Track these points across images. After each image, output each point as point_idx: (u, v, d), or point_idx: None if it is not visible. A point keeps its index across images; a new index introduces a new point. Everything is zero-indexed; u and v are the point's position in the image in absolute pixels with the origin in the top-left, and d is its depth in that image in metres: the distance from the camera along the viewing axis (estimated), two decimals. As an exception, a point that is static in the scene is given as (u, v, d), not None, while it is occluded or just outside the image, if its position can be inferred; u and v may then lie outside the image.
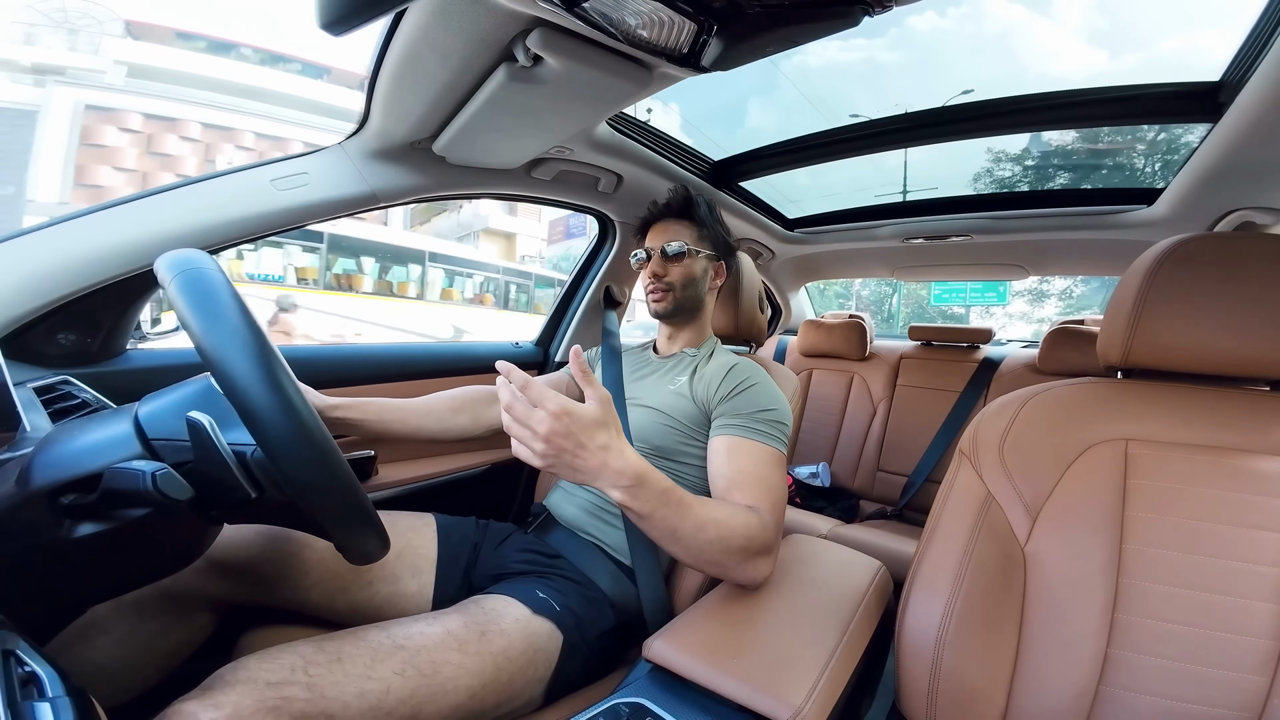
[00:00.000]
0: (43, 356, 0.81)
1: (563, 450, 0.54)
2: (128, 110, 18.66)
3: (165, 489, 0.45)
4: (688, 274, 1.00)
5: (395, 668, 0.60)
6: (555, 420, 0.53)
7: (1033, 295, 14.06)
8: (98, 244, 0.80)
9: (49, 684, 0.35)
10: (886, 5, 0.59)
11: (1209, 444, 0.61)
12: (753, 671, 0.58)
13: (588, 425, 0.55)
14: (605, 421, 0.56)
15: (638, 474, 0.58)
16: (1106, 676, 0.58)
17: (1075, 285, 13.30)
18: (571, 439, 0.54)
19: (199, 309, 0.47)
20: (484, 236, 19.59)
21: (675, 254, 0.99)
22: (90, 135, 17.57)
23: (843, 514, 1.86)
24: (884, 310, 15.39)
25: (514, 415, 0.54)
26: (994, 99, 1.11)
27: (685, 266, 1.00)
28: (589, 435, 0.55)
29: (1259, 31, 0.77)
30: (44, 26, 22.49)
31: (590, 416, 0.55)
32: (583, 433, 0.54)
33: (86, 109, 17.90)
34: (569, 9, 0.60)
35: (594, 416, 0.55)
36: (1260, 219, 1.09)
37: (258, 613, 0.81)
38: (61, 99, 17.55)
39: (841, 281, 11.89)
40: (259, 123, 20.71)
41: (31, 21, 22.59)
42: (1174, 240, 0.65)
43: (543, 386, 0.54)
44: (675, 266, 1.00)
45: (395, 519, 0.90)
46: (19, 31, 22.52)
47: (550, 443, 0.53)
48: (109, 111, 18.42)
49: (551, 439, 0.53)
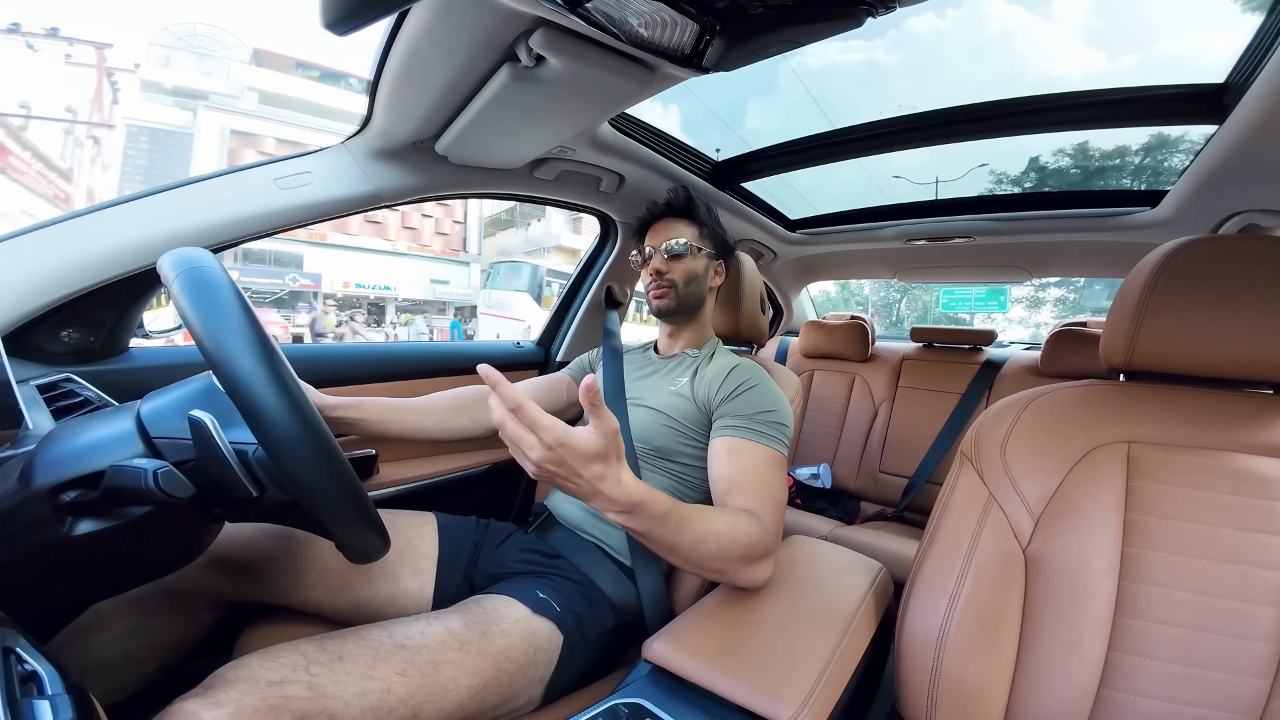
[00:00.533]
0: (46, 354, 0.82)
1: (555, 476, 0.51)
2: (264, 135, 19.33)
3: (167, 487, 0.45)
4: (690, 272, 1.01)
5: (396, 667, 0.60)
6: (549, 450, 0.49)
7: (1029, 302, 14.40)
8: (101, 243, 0.80)
9: (48, 682, 0.35)
10: (890, 5, 0.59)
11: (1212, 446, 0.61)
12: (752, 673, 0.58)
13: (584, 458, 0.50)
14: (604, 454, 0.52)
15: (633, 502, 0.55)
16: (1107, 679, 0.58)
17: (1069, 293, 13.55)
18: (565, 468, 0.50)
19: (202, 308, 0.47)
20: (555, 253, 19.76)
21: (678, 252, 0.99)
22: (235, 159, 18.10)
23: (843, 515, 1.85)
24: (891, 315, 15.52)
25: (507, 434, 0.51)
26: (998, 100, 1.10)
27: (687, 264, 1.00)
28: (584, 466, 0.51)
29: (1264, 33, 0.77)
30: (178, 49, 23.74)
31: (588, 449, 0.50)
32: (579, 464, 0.50)
33: (230, 133, 18.67)
34: (572, 9, 0.60)
35: (592, 450, 0.51)
36: (1265, 222, 1.09)
37: (258, 610, 0.81)
38: (209, 123, 18.43)
39: (859, 291, 11.92)
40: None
41: (166, 44, 23.74)
42: (1178, 243, 0.65)
43: (537, 410, 0.49)
44: (678, 264, 1.00)
45: (396, 518, 0.90)
46: (157, 54, 23.71)
47: (541, 468, 0.50)
48: (249, 136, 19.10)
49: (543, 465, 0.50)
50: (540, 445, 0.49)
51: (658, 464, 0.92)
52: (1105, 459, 0.63)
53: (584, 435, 0.50)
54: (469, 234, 22.22)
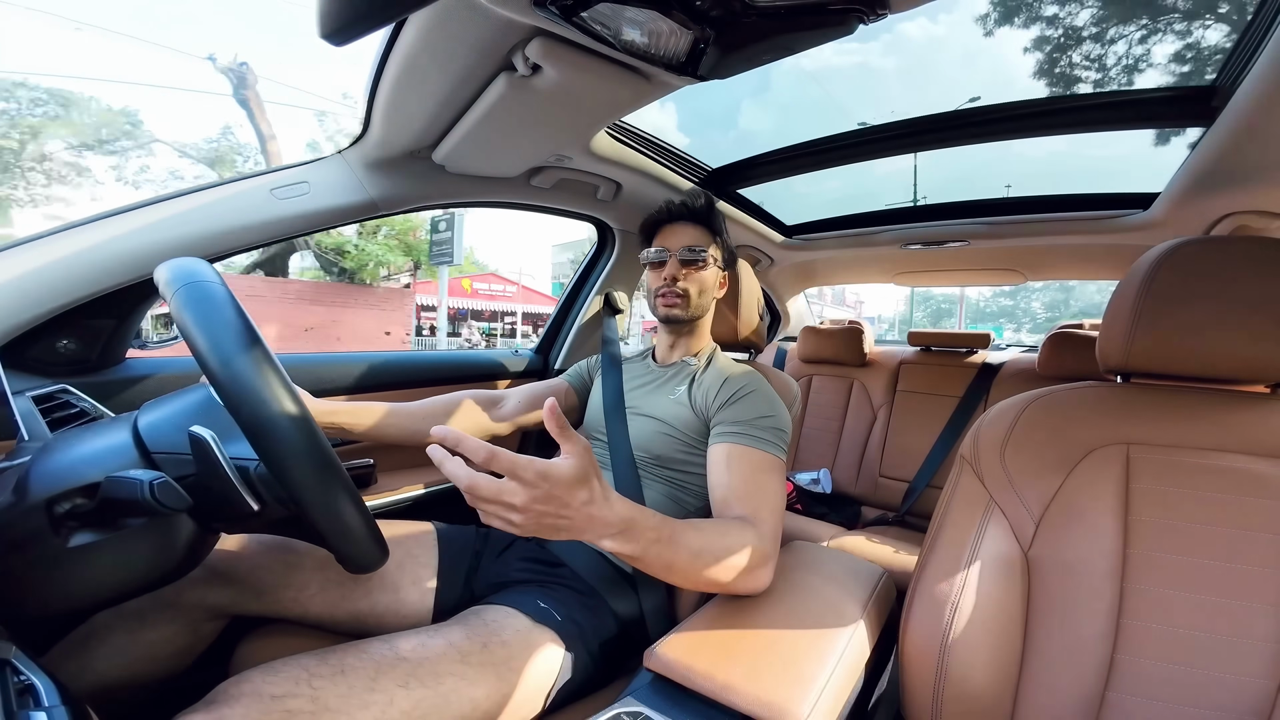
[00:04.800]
0: (42, 365, 0.81)
1: (544, 515, 0.48)
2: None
3: (163, 499, 0.45)
4: (704, 282, 0.99)
5: (398, 679, 0.59)
6: (532, 489, 0.46)
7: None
8: (98, 253, 0.80)
9: (45, 694, 0.35)
10: (881, 13, 0.60)
11: (1210, 446, 0.61)
12: (755, 680, 0.57)
13: (569, 484, 0.48)
14: (586, 476, 0.50)
15: (625, 520, 0.54)
16: (1113, 682, 0.58)
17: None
18: (554, 502, 0.48)
19: (202, 324, 0.47)
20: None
21: (695, 260, 0.97)
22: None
23: (844, 520, 1.85)
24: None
25: (480, 495, 0.46)
26: (991, 105, 1.12)
27: (702, 274, 0.98)
28: (571, 494, 0.49)
29: (1250, 34, 0.78)
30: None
31: (570, 475, 0.48)
32: (565, 493, 0.48)
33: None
34: (567, 19, 0.61)
35: (574, 474, 0.49)
36: (1256, 223, 1.10)
37: (257, 621, 0.81)
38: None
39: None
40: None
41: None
42: (1170, 244, 0.65)
43: (511, 455, 0.46)
44: (693, 273, 0.98)
45: (395, 528, 0.89)
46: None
47: (529, 512, 0.47)
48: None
49: (529, 508, 0.47)
50: (522, 488, 0.46)
51: (657, 473, 0.92)
52: (1105, 460, 0.63)
53: (562, 463, 0.48)
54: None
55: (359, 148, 0.99)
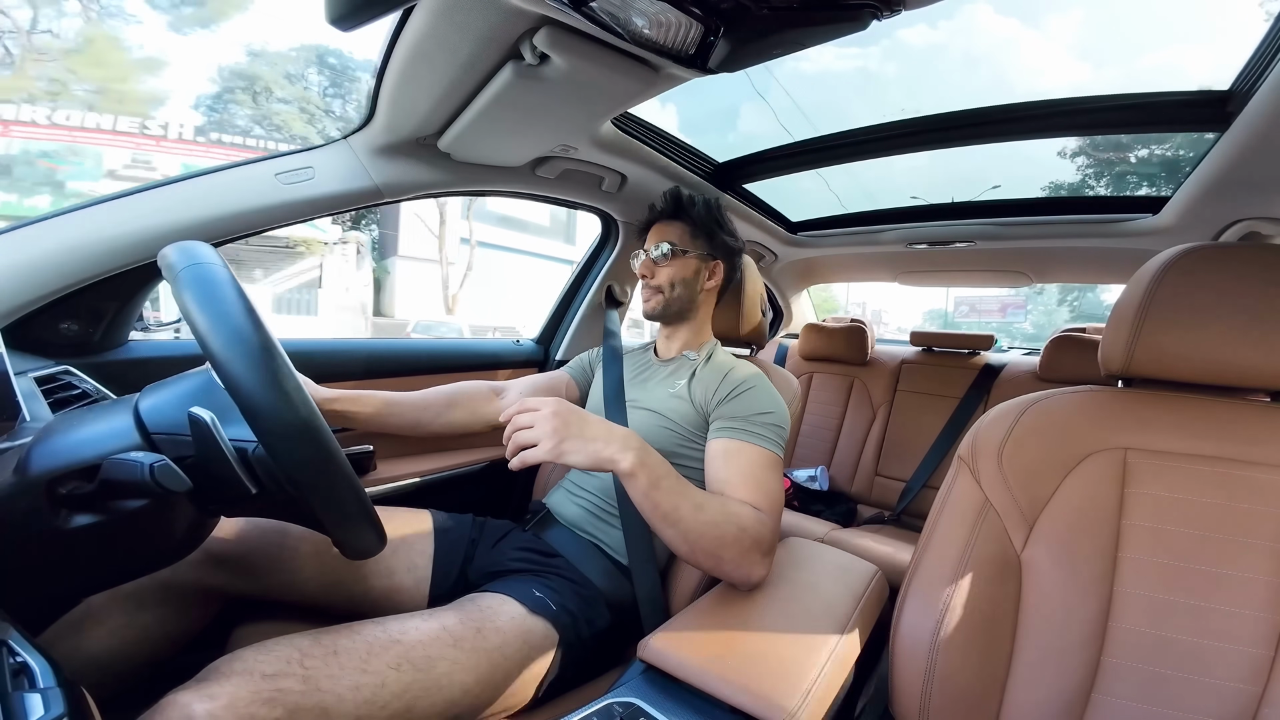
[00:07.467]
0: (45, 346, 0.82)
1: (569, 424, 0.66)
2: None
3: (163, 481, 0.45)
4: (676, 275, 1.00)
5: (390, 662, 0.60)
6: (555, 411, 0.66)
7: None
8: (102, 235, 0.80)
9: (40, 675, 0.35)
10: (896, 8, 0.59)
11: (1208, 454, 0.61)
12: (746, 674, 0.58)
13: (580, 411, 0.69)
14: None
15: (641, 441, 0.69)
16: (1099, 684, 0.58)
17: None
18: (574, 415, 0.67)
19: (205, 306, 0.47)
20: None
21: (661, 256, 0.99)
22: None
23: (840, 518, 1.85)
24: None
25: (517, 421, 0.67)
26: (1003, 105, 1.10)
27: (674, 268, 1.00)
28: (584, 416, 0.68)
29: (1269, 42, 0.77)
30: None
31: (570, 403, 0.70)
32: (580, 415, 0.68)
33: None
34: (576, 8, 0.60)
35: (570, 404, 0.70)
36: (1265, 229, 1.09)
37: (253, 605, 0.81)
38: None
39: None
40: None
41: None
42: (1178, 249, 0.65)
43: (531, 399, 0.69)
44: (663, 268, 1.00)
45: (392, 515, 0.90)
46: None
47: (558, 417, 0.65)
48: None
49: (557, 415, 0.65)
50: (546, 409, 0.66)
51: None
52: (1102, 465, 0.63)
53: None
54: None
55: (364, 134, 0.98)
